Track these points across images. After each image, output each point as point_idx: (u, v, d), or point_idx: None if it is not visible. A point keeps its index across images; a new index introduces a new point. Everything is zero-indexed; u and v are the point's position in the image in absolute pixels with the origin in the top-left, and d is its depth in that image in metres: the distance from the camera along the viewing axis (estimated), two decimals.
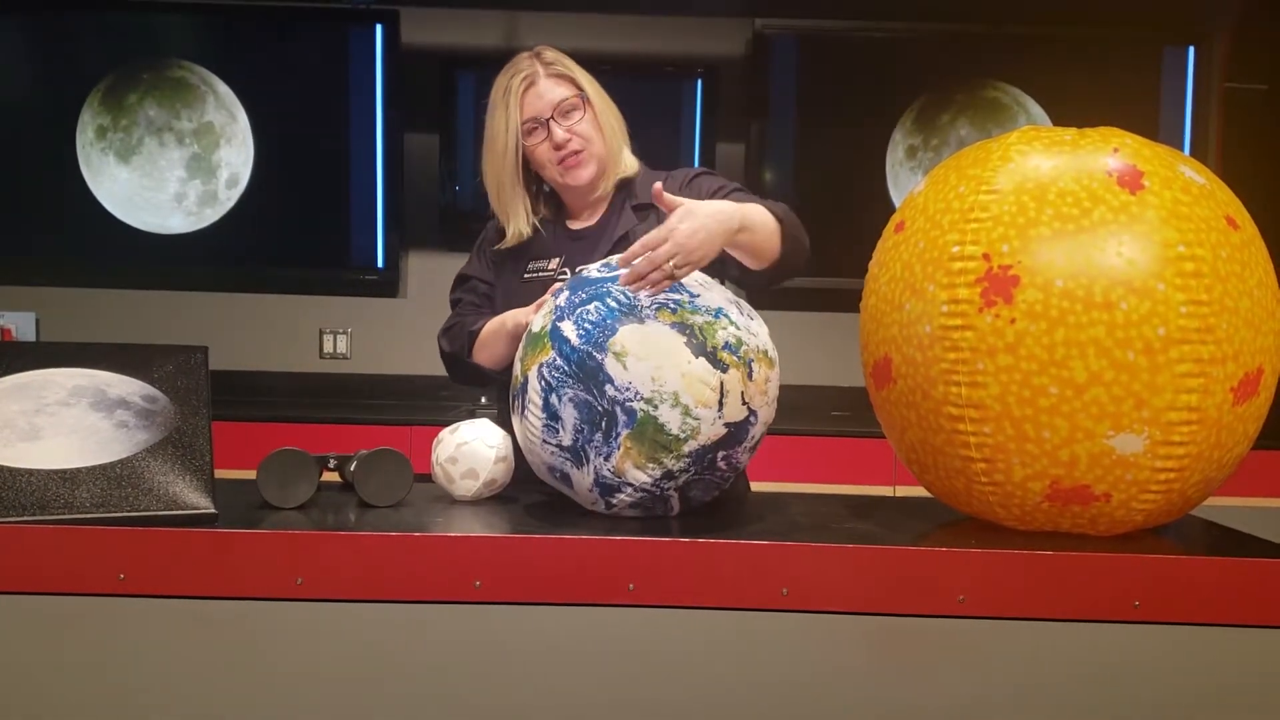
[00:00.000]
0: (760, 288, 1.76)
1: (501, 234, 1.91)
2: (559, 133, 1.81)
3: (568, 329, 1.42)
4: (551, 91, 1.82)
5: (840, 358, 3.83)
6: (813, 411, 3.87)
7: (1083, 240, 1.30)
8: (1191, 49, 3.85)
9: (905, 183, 3.86)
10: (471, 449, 1.56)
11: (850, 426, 3.54)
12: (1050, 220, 1.32)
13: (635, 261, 1.45)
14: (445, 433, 1.59)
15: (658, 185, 1.53)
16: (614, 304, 1.42)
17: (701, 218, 1.48)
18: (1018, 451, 1.34)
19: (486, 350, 1.82)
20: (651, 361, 1.37)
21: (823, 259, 3.83)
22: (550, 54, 1.85)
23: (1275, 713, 1.32)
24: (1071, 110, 3.38)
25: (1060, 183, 1.34)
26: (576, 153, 1.82)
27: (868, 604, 1.31)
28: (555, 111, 1.82)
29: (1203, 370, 1.29)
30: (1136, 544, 1.38)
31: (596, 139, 1.84)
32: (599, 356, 1.38)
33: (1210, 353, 1.29)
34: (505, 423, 1.58)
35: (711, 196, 1.78)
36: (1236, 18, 3.90)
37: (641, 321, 1.40)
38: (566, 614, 1.31)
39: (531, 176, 1.89)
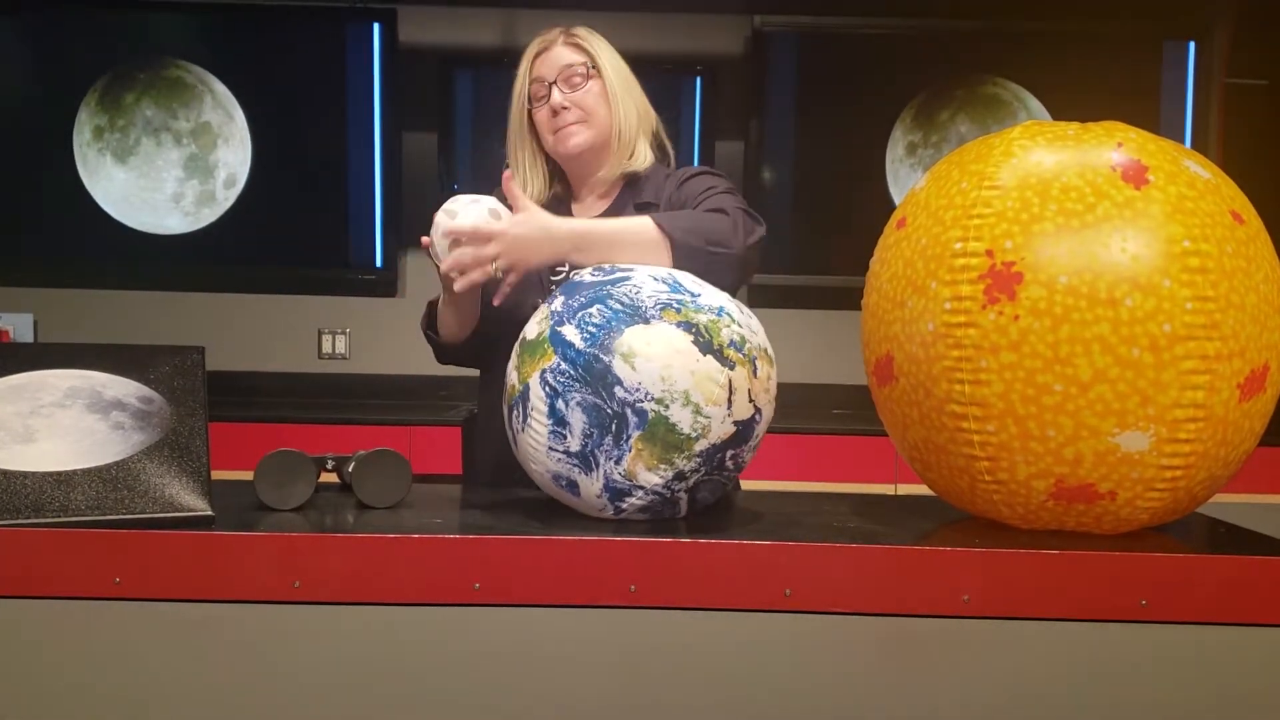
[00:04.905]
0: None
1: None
2: (556, 96, 1.82)
3: (570, 333, 1.40)
4: (563, 57, 1.83)
5: (841, 355, 3.83)
6: (814, 410, 3.86)
7: (1087, 236, 1.29)
8: (1192, 44, 3.84)
9: (905, 180, 3.85)
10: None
11: (852, 425, 3.54)
12: (1054, 216, 1.31)
13: (460, 252, 1.57)
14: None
15: (506, 174, 1.66)
16: (618, 306, 1.40)
17: (534, 230, 1.58)
18: (1022, 450, 1.33)
19: (441, 320, 1.87)
20: (660, 361, 1.36)
21: (822, 256, 3.87)
22: (580, 29, 1.87)
23: None
24: (1071, 106, 3.37)
25: (1064, 178, 1.33)
26: (571, 123, 1.82)
27: (871, 604, 1.30)
28: (560, 76, 1.82)
29: (1209, 367, 1.28)
30: (1143, 542, 1.37)
31: (599, 114, 1.84)
32: (606, 359, 1.37)
33: (1216, 349, 1.28)
34: (500, 432, 1.57)
35: (699, 196, 1.80)
36: (1237, 12, 3.89)
37: (647, 322, 1.38)
38: (567, 616, 1.30)
39: (541, 149, 1.90)
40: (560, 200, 1.92)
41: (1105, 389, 1.28)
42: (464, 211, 1.62)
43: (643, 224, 1.65)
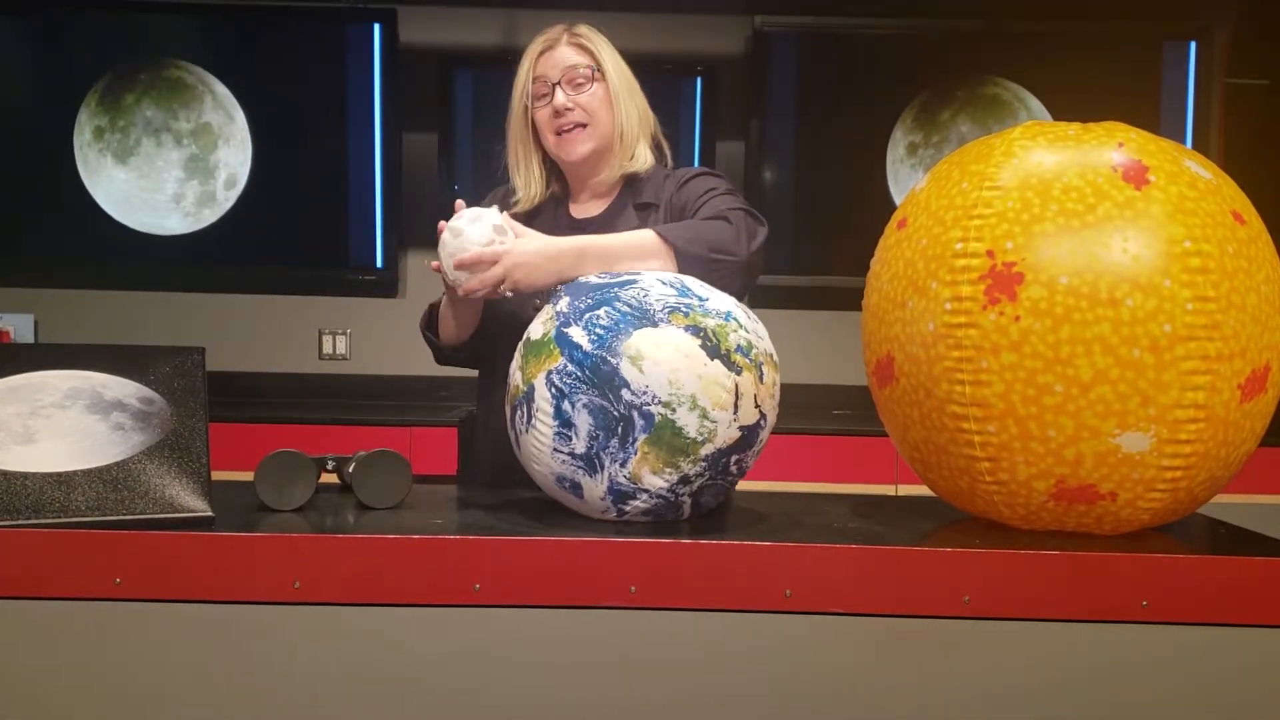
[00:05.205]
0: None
1: (510, 200, 1.91)
2: (560, 98, 1.81)
3: (577, 334, 1.39)
4: (567, 58, 1.83)
5: (842, 356, 3.83)
6: (814, 410, 3.86)
7: (1087, 236, 1.29)
8: (1193, 44, 3.83)
9: (905, 180, 3.85)
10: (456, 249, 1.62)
11: (852, 425, 3.53)
12: (1054, 216, 1.30)
13: (465, 277, 1.60)
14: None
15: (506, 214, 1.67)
16: (625, 309, 1.40)
17: (532, 254, 1.60)
18: (1022, 450, 1.33)
19: (442, 323, 1.87)
20: (668, 364, 1.36)
21: (823, 257, 3.87)
22: (582, 27, 1.87)
23: None
24: (1072, 106, 3.37)
25: (1064, 178, 1.33)
26: (575, 125, 1.82)
27: (871, 605, 1.30)
28: (564, 77, 1.81)
29: (1209, 367, 1.28)
30: (1144, 543, 1.37)
31: (602, 118, 1.83)
32: (614, 361, 1.37)
33: (1217, 349, 1.28)
34: (499, 433, 1.57)
35: (699, 198, 1.79)
36: (1237, 12, 3.88)
37: (655, 325, 1.38)
38: (567, 617, 1.30)
39: (540, 147, 1.90)
40: (558, 200, 1.91)
41: (1106, 389, 1.28)
42: (468, 230, 1.60)
43: (644, 236, 1.65)
